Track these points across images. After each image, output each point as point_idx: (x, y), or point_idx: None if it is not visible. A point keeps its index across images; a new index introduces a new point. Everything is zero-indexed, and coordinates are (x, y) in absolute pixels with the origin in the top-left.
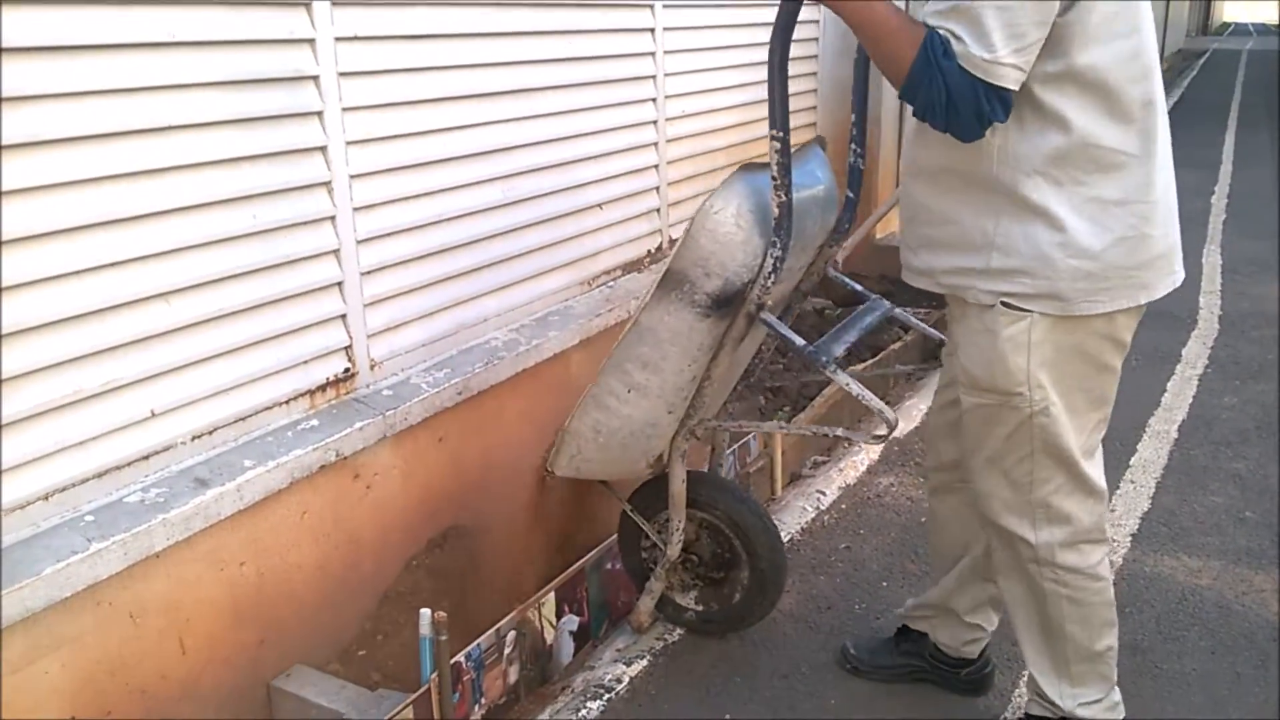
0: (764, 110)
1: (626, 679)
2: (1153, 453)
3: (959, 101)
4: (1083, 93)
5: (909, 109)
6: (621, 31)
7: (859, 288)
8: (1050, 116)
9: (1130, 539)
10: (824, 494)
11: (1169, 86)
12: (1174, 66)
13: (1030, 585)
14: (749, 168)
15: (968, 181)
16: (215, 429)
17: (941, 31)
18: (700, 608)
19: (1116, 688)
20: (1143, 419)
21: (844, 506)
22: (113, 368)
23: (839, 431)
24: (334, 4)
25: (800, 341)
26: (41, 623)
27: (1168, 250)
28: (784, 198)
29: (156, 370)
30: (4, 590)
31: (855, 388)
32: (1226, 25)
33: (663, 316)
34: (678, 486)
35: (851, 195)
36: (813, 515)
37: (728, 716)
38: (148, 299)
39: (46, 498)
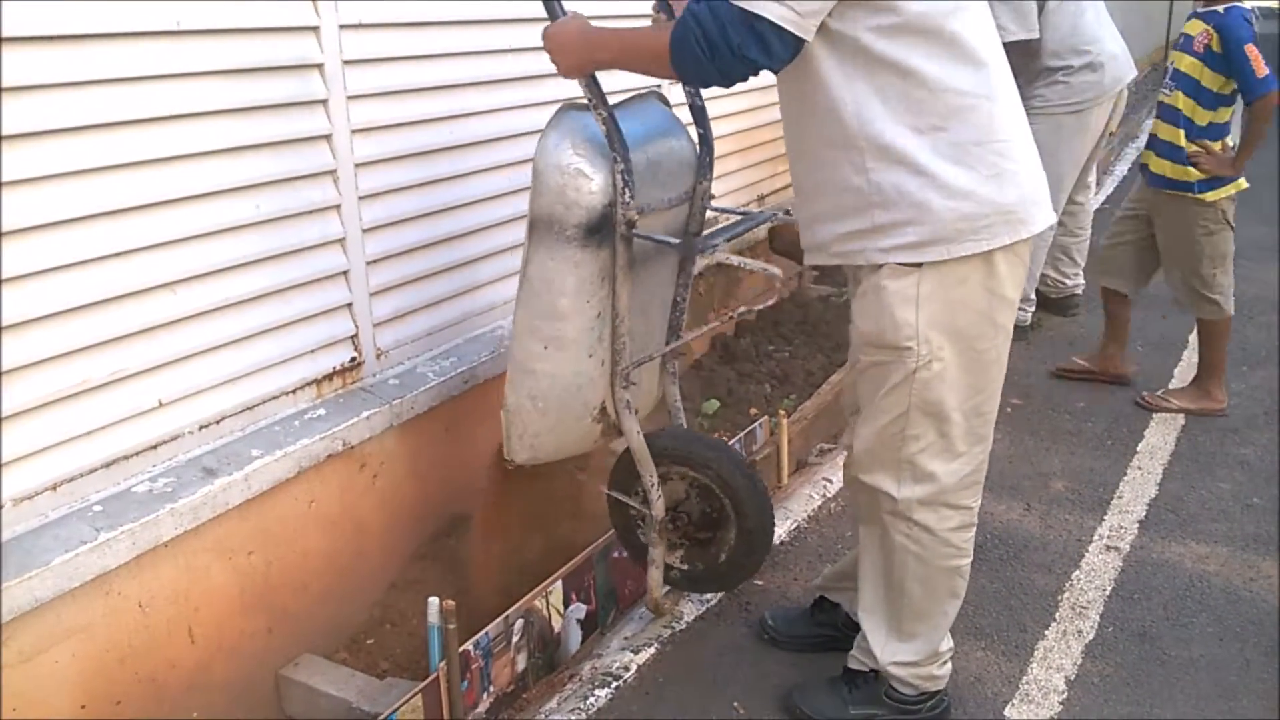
0: (771, 95)
1: (634, 667)
2: (1160, 439)
3: (709, 31)
4: (925, 40)
5: None
6: (630, 18)
7: (741, 210)
8: (899, 69)
9: (1138, 525)
10: (830, 481)
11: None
12: None
13: (883, 535)
14: (568, 107)
15: (830, 146)
16: (223, 418)
17: None
18: (686, 567)
19: (943, 664)
20: None
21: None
22: (119, 358)
23: (740, 310)
24: None
25: (676, 240)
26: (51, 612)
27: (1035, 189)
28: (605, 114)
29: (163, 360)
30: (14, 581)
31: (735, 259)
32: None
33: (546, 262)
34: (635, 440)
35: (702, 130)
36: (819, 503)
37: (735, 704)
38: (154, 289)
39: (55, 488)
